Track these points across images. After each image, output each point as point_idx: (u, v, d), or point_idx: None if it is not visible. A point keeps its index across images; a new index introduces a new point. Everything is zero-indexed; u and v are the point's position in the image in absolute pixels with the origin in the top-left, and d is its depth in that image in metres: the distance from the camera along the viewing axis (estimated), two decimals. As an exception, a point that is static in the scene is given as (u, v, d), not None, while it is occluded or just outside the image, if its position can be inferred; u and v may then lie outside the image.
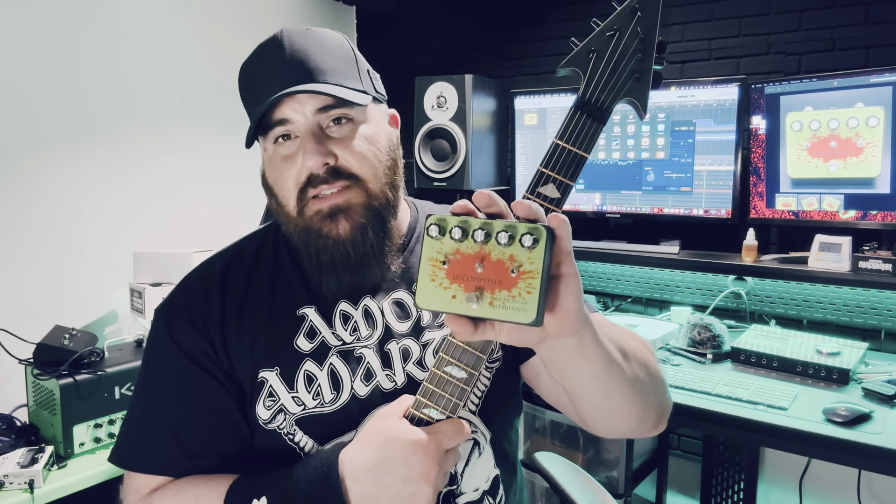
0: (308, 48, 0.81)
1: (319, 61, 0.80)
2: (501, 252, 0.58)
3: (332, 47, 0.83)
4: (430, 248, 0.60)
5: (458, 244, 0.59)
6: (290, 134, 0.81)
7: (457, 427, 0.71)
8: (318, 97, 0.79)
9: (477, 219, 0.59)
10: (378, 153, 0.83)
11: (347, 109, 0.81)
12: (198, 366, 0.83)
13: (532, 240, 0.56)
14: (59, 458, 1.65)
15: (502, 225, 0.58)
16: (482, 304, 0.58)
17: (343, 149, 0.80)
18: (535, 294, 0.57)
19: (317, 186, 0.79)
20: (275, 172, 0.83)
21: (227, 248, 0.92)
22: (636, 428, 0.81)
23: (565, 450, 2.23)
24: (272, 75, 0.80)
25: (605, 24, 0.65)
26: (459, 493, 0.85)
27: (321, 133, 0.80)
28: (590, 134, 0.65)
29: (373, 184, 0.82)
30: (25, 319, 1.95)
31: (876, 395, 1.62)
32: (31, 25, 2.02)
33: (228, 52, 2.60)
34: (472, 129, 2.48)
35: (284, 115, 0.79)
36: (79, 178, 2.16)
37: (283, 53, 0.80)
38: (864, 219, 1.92)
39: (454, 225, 0.59)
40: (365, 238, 0.82)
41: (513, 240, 0.57)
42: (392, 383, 0.85)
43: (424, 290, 0.60)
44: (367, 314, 0.87)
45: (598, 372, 0.69)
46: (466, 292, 0.58)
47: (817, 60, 2.13)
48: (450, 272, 0.59)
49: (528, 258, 0.57)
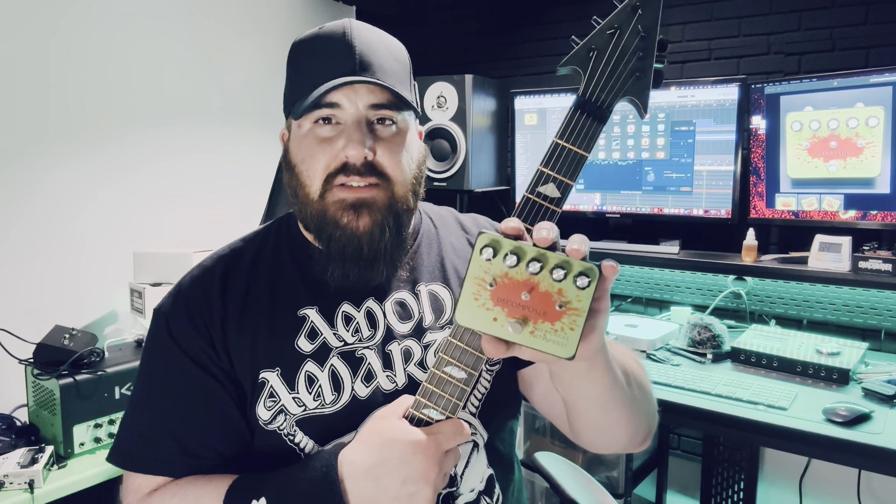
0: (375, 44, 0.82)
1: (383, 60, 0.82)
2: (551, 285, 0.59)
3: (395, 51, 0.85)
4: (478, 267, 0.60)
5: (510, 269, 0.60)
6: (333, 119, 0.81)
7: (456, 427, 0.71)
8: (375, 92, 0.80)
9: (531, 247, 0.59)
10: (410, 161, 0.85)
11: (396, 113, 0.83)
12: (198, 366, 0.83)
13: (587, 281, 0.58)
14: (59, 458, 1.64)
15: (557, 260, 0.59)
16: (524, 332, 0.59)
17: (383, 148, 0.81)
18: (577, 331, 0.58)
19: (348, 175, 0.80)
20: (305, 151, 0.83)
21: (227, 248, 0.92)
22: (626, 445, 0.84)
23: (565, 450, 2.23)
24: (336, 59, 0.80)
25: (605, 22, 0.65)
26: (458, 495, 0.85)
27: (368, 127, 0.81)
28: (590, 133, 0.64)
29: (400, 187, 0.83)
30: (25, 319, 1.95)
31: (876, 395, 1.62)
32: (31, 26, 2.02)
33: (228, 52, 2.60)
34: (472, 129, 2.48)
35: (337, 100, 0.80)
36: (79, 178, 2.16)
37: (350, 41, 0.81)
38: (864, 219, 1.92)
39: (509, 251, 0.59)
40: (382, 237, 0.82)
41: (566, 276, 0.58)
42: (393, 384, 0.85)
43: (466, 307, 0.61)
44: (370, 315, 0.87)
45: (602, 393, 0.73)
46: (509, 318, 0.60)
47: (817, 60, 2.13)
48: (495, 294, 0.60)
49: (576, 296, 0.58)
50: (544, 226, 0.60)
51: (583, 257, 0.59)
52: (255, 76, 2.70)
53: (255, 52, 2.70)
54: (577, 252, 0.59)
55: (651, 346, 2.03)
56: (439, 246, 0.95)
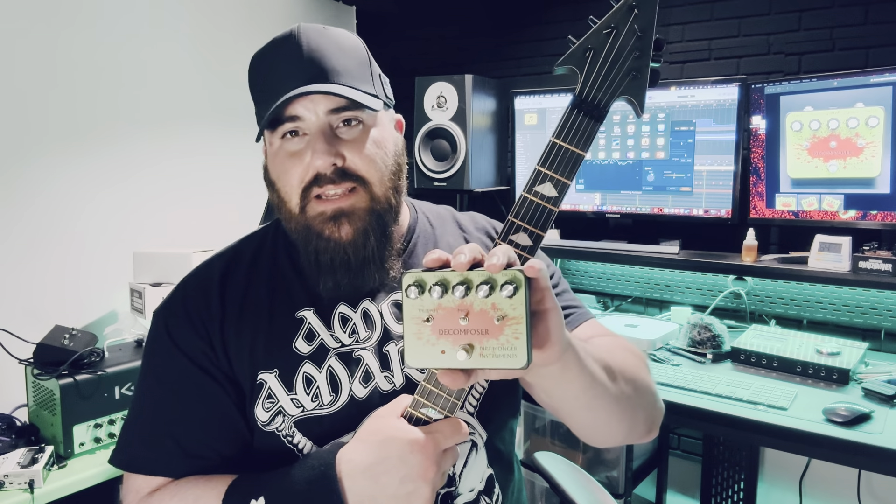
0: (324, 47, 0.80)
1: (335, 62, 0.80)
2: (483, 302, 0.59)
3: (348, 48, 0.83)
4: (411, 307, 0.61)
5: (439, 300, 0.60)
6: (299, 131, 0.80)
7: (455, 427, 0.71)
8: (332, 98, 0.79)
9: (453, 273, 0.59)
10: (385, 157, 0.84)
11: (359, 112, 0.81)
12: (197, 367, 0.83)
13: (512, 289, 0.58)
14: (59, 458, 1.65)
15: (480, 277, 0.59)
16: (473, 356, 0.59)
17: (352, 151, 0.80)
18: (522, 339, 0.58)
19: (322, 186, 0.79)
20: (279, 168, 0.82)
21: (226, 250, 0.92)
22: (626, 438, 0.84)
23: (565, 450, 2.23)
24: (287, 71, 0.79)
25: (602, 22, 0.65)
26: (457, 494, 0.85)
27: (331, 133, 0.80)
28: (587, 132, 0.65)
29: (378, 187, 0.82)
30: (25, 319, 1.95)
31: (876, 395, 1.61)
32: (31, 26, 2.02)
33: (228, 53, 2.60)
34: (472, 129, 2.48)
35: (296, 112, 0.79)
36: (79, 178, 2.16)
37: (299, 50, 0.79)
38: (864, 219, 1.91)
39: (432, 283, 0.60)
40: (367, 243, 0.82)
41: (493, 290, 0.58)
42: (391, 385, 0.85)
43: (412, 349, 0.61)
44: (366, 316, 0.87)
45: (582, 393, 0.73)
46: (455, 346, 0.60)
47: (817, 60, 2.13)
48: (435, 328, 0.60)
49: (510, 305, 0.58)
50: (461, 249, 0.60)
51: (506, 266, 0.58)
52: (255, 76, 2.70)
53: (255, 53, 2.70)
54: (493, 266, 0.58)
55: (651, 346, 2.03)
56: (436, 245, 0.95)
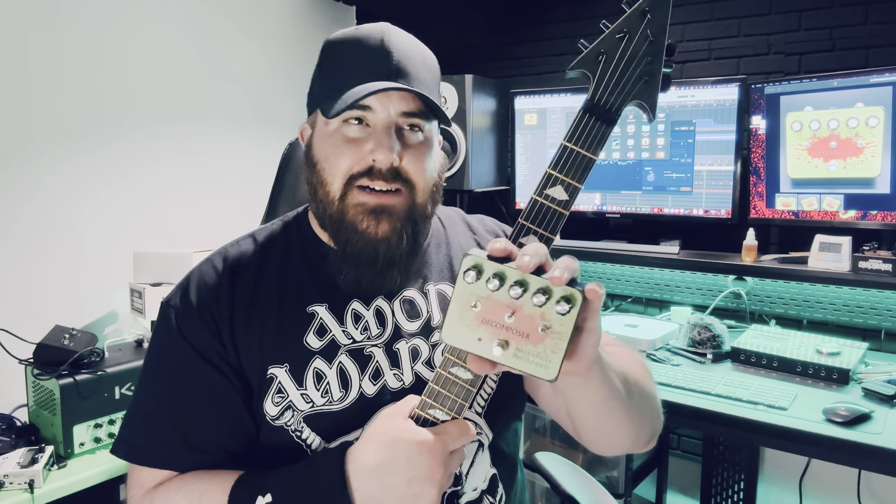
0: (412, 55, 0.84)
1: (419, 69, 0.84)
2: (534, 309, 0.59)
3: (430, 63, 0.87)
4: (463, 289, 0.61)
5: (493, 293, 0.60)
6: (364, 121, 0.82)
7: (462, 428, 0.71)
8: (408, 100, 0.81)
9: (515, 271, 0.60)
10: (433, 170, 0.86)
11: (425, 122, 0.84)
12: (205, 360, 0.83)
13: (568, 307, 0.58)
14: (59, 458, 1.64)
15: (539, 285, 0.59)
16: (507, 353, 0.60)
17: (410, 154, 0.82)
18: (559, 354, 0.59)
19: (373, 179, 0.80)
20: (330, 150, 0.83)
21: (237, 242, 0.92)
22: (629, 448, 0.87)
23: (565, 450, 2.23)
24: (374, 63, 0.81)
25: (614, 27, 0.65)
26: (462, 494, 0.85)
27: (397, 132, 0.82)
28: (598, 136, 0.65)
29: (421, 195, 0.84)
30: (25, 319, 1.95)
31: (876, 395, 1.62)
32: (31, 26, 2.01)
33: (229, 53, 2.60)
34: (472, 129, 2.48)
35: (369, 103, 0.80)
36: (79, 178, 2.16)
37: (388, 48, 0.82)
38: (863, 219, 1.92)
39: (491, 274, 0.60)
40: (399, 244, 0.82)
41: (548, 301, 0.59)
42: (400, 382, 0.86)
43: (452, 326, 0.62)
44: (379, 314, 0.88)
45: (600, 403, 0.75)
46: (493, 338, 0.60)
47: (817, 60, 2.14)
48: (479, 315, 0.61)
49: (559, 321, 0.59)
50: (528, 251, 0.60)
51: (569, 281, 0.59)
52: (255, 77, 2.70)
53: (255, 52, 2.70)
54: (557, 280, 0.58)
55: (651, 346, 2.03)
56: (448, 246, 0.96)
